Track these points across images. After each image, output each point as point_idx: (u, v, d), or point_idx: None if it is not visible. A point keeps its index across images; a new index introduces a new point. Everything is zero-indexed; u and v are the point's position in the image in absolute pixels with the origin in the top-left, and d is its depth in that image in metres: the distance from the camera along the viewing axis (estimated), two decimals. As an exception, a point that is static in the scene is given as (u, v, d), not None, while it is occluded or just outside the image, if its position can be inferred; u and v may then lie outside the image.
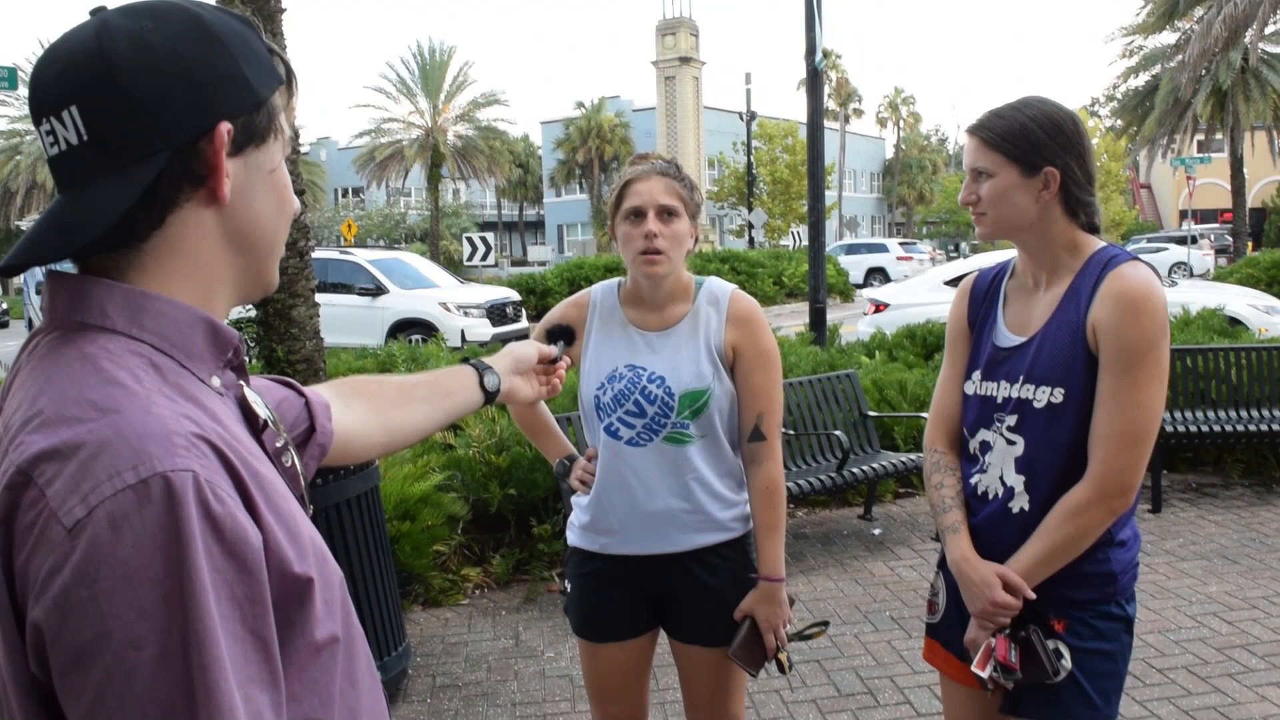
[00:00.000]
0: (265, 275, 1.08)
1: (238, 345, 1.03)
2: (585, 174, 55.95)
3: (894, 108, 69.06)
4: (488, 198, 64.80)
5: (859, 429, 6.62)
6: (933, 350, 9.73)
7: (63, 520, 0.80)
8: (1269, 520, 6.30)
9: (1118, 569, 2.07)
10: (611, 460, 2.41)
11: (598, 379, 2.41)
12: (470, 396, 1.63)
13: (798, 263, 26.79)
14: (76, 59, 0.93)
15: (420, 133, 40.69)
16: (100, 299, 0.94)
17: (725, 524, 2.41)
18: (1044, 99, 2.13)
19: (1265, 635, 4.53)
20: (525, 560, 5.61)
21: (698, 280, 2.45)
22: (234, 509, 0.85)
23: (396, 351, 9.08)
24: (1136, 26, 27.86)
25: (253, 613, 0.84)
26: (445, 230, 45.11)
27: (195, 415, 0.90)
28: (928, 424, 2.35)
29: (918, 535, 6.23)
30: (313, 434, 1.32)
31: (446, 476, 5.49)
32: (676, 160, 2.48)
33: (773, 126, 45.76)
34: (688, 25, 38.92)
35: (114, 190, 0.92)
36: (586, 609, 2.51)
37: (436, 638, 4.83)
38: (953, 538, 2.15)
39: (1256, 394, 7.16)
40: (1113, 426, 1.96)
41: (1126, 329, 1.95)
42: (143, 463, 0.82)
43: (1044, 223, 2.07)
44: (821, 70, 9.94)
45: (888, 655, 4.45)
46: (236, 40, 0.99)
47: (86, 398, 0.87)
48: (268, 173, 1.04)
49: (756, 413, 2.40)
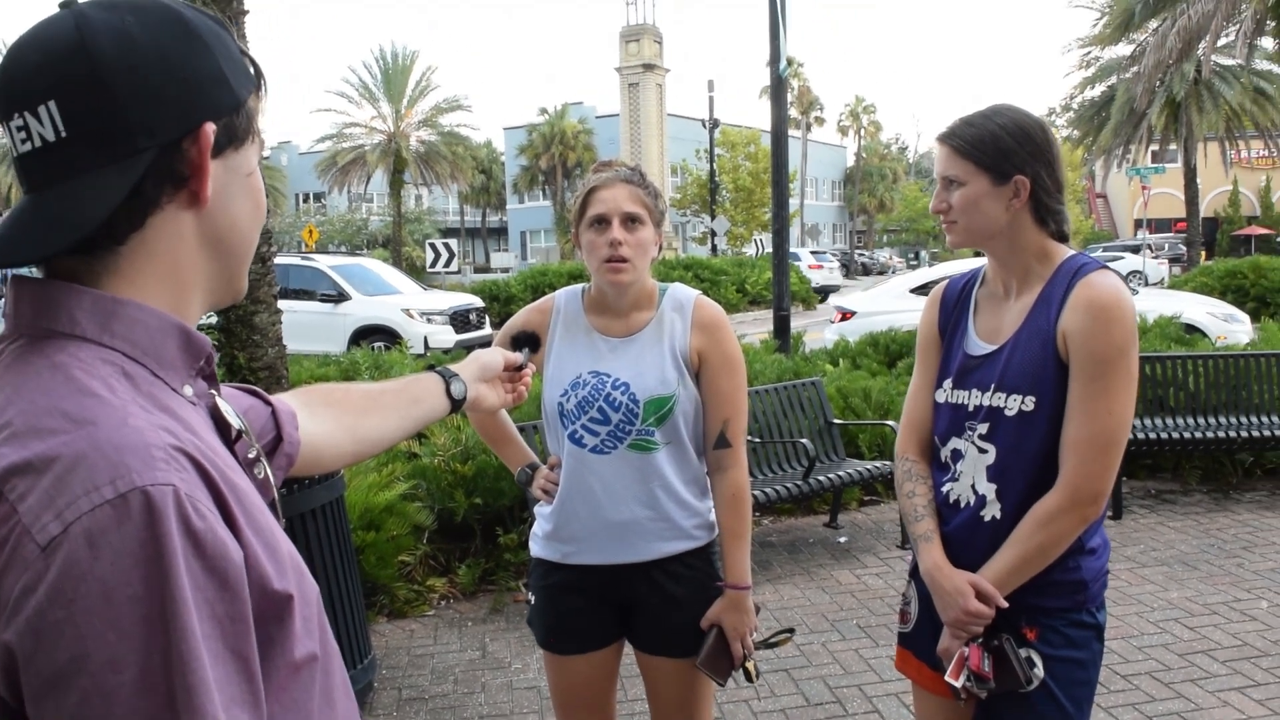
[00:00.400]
0: (237, 281, 1.06)
1: (210, 353, 1.00)
2: (549, 180, 55.82)
3: (855, 116, 69.51)
4: (450, 204, 64.45)
5: (824, 436, 6.64)
6: (896, 358, 9.79)
7: (36, 538, 0.77)
8: (1227, 526, 6.39)
9: (1088, 577, 2.08)
10: (575, 468, 2.38)
11: (561, 385, 2.39)
12: (437, 404, 1.61)
13: (760, 270, 26.90)
14: (55, 52, 0.89)
15: (383, 138, 40.37)
16: (69, 305, 0.90)
17: (690, 532, 2.40)
18: (1013, 107, 2.14)
19: (1226, 640, 4.59)
20: (491, 570, 5.57)
21: (661, 287, 2.44)
22: (215, 524, 0.82)
23: (360, 359, 9.00)
24: (1093, 38, 28.26)
25: (234, 631, 0.81)
26: (408, 236, 44.79)
27: (171, 426, 0.87)
28: (899, 432, 2.35)
29: (883, 543, 6.25)
30: (280, 444, 1.29)
31: (411, 485, 5.44)
32: (640, 167, 2.47)
33: (735, 134, 45.95)
34: (651, 32, 39.03)
35: (98, 189, 0.89)
36: (551, 621, 2.48)
37: (402, 649, 4.78)
38: (925, 546, 2.15)
39: (1214, 401, 7.26)
40: (1083, 434, 1.97)
41: (1097, 337, 1.96)
42: (121, 476, 0.79)
43: (1014, 231, 2.08)
44: (786, 78, 9.98)
45: (855, 664, 4.46)
46: (215, 39, 0.97)
47: (59, 408, 0.83)
48: (245, 175, 1.01)
49: (722, 419, 2.38)
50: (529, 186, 57.61)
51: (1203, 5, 20.28)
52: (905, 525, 2.27)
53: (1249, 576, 5.44)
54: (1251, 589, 5.25)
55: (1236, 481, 7.40)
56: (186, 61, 0.93)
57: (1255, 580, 5.38)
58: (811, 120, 63.56)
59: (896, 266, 59.25)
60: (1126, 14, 23.57)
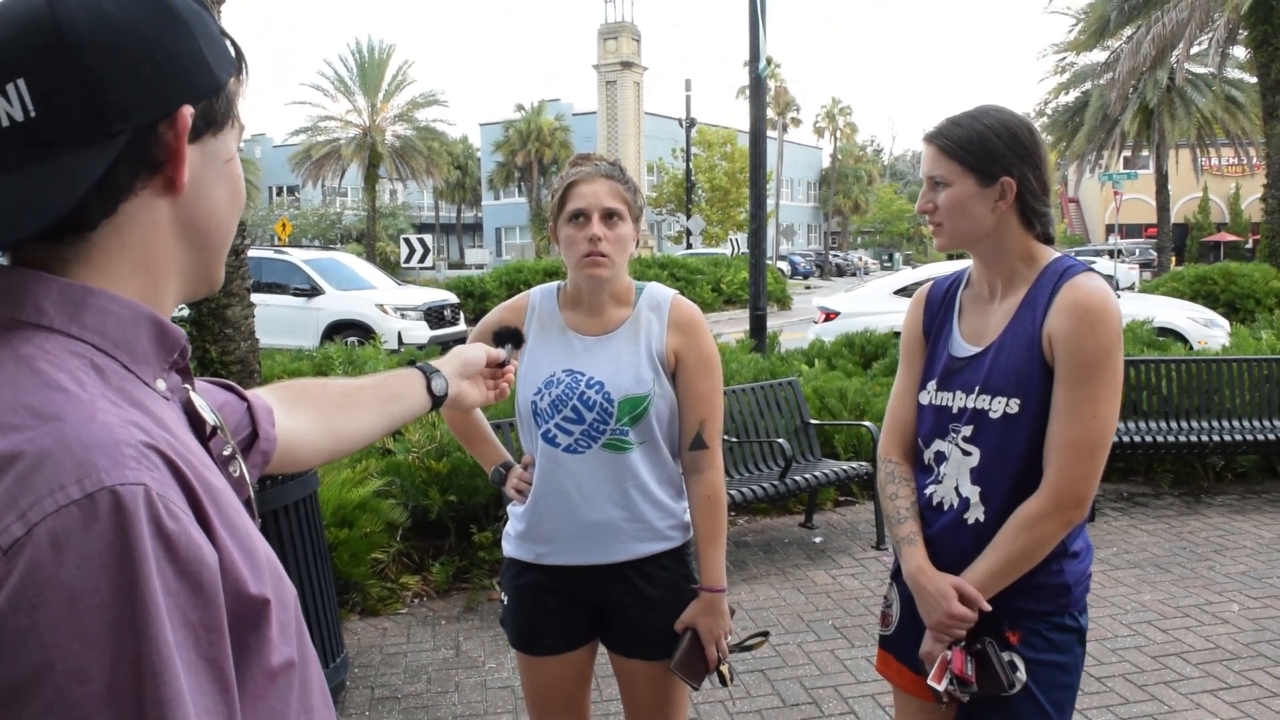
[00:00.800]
0: (213, 271, 1.01)
1: (185, 346, 0.95)
2: (524, 177, 55.71)
3: (831, 118, 69.76)
4: (425, 199, 64.24)
5: (801, 437, 6.63)
6: (871, 359, 9.82)
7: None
8: (1198, 530, 6.43)
9: (1071, 580, 2.07)
10: (549, 467, 2.35)
11: (535, 384, 2.36)
12: (417, 400, 1.57)
13: (736, 270, 26.92)
14: (24, 28, 0.84)
15: (358, 132, 40.19)
16: (36, 294, 0.85)
17: (665, 533, 2.37)
18: (1000, 108, 2.12)
19: (1198, 643, 4.62)
20: (465, 568, 5.52)
21: (638, 286, 2.42)
22: (188, 526, 0.77)
23: (333, 354, 8.93)
24: (1069, 44, 28.47)
25: (208, 639, 0.77)
26: (382, 231, 44.61)
27: (142, 422, 0.82)
28: (882, 434, 2.34)
29: (858, 543, 6.26)
30: (255, 440, 1.25)
31: (385, 482, 5.39)
32: (620, 162, 2.44)
33: (712, 134, 46.04)
34: (630, 30, 38.99)
35: (69, 172, 0.84)
36: (524, 621, 2.45)
37: (375, 648, 4.73)
38: (908, 549, 2.14)
39: (1186, 405, 7.32)
40: (1068, 437, 1.96)
41: (1083, 340, 1.95)
42: (88, 475, 0.74)
43: (1000, 233, 2.07)
44: (764, 77, 9.98)
45: (831, 665, 4.45)
46: (195, 19, 0.92)
47: (23, 403, 0.79)
48: (223, 162, 0.97)
49: (698, 420, 2.36)
50: (505, 183, 57.50)
51: (1177, 13, 20.45)
52: (888, 527, 2.25)
53: (1220, 579, 5.48)
54: (1223, 591, 5.29)
55: (1208, 485, 7.46)
56: (164, 41, 0.88)
57: (1226, 583, 5.42)
58: (788, 121, 63.79)
59: (870, 267, 59.58)
60: (1102, 21, 23.75)
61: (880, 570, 5.72)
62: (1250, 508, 6.94)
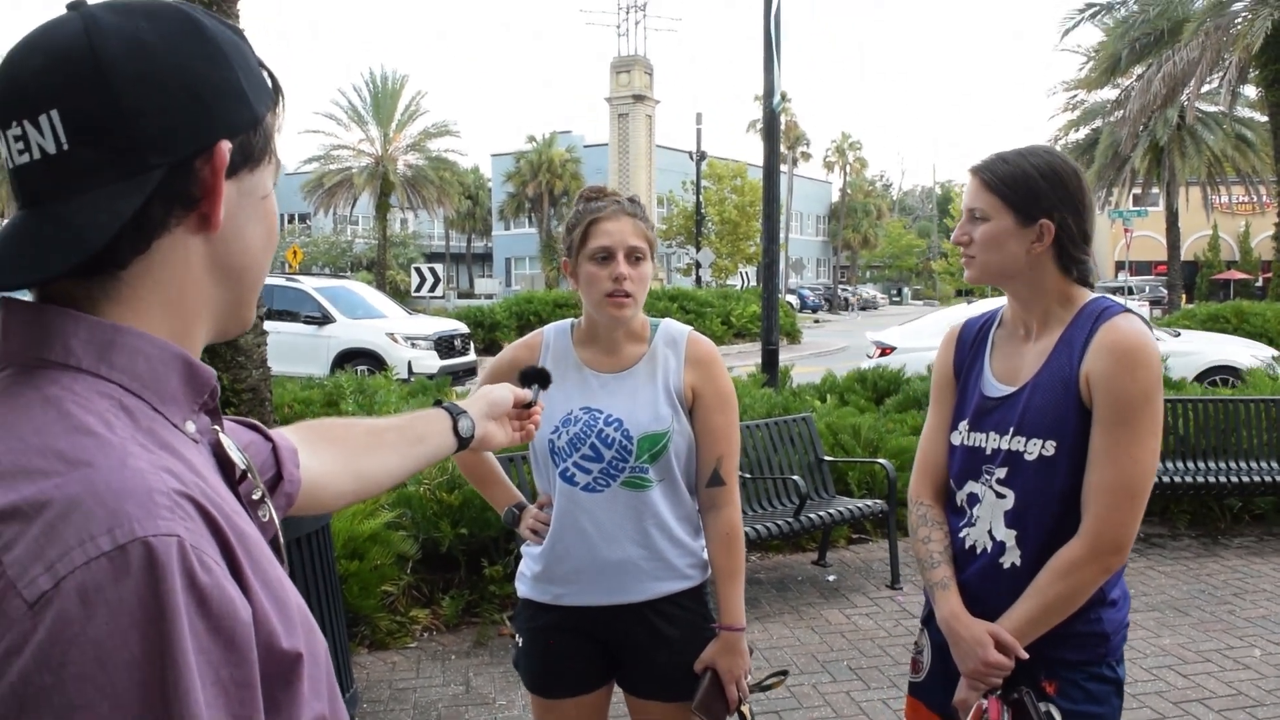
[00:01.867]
0: (245, 310, 0.97)
1: (215, 387, 0.92)
2: (535, 208, 55.92)
3: (841, 152, 69.94)
4: (436, 228, 64.46)
5: (815, 473, 6.57)
6: (883, 395, 9.76)
7: (23, 593, 0.68)
8: (1216, 572, 6.35)
9: (1110, 629, 2.02)
10: (567, 507, 2.31)
11: (551, 423, 2.31)
12: (443, 442, 1.53)
13: (746, 303, 26.89)
14: (61, 58, 0.81)
15: (370, 161, 40.36)
16: (64, 333, 0.82)
17: (684, 571, 2.33)
18: (1051, 149, 2.10)
19: (1220, 689, 4.53)
20: (476, 602, 5.46)
21: (653, 322, 2.39)
22: (221, 579, 0.74)
23: (344, 382, 8.89)
24: (1080, 81, 28.55)
25: (239, 698, 0.73)
26: (392, 260, 44.73)
27: (174, 467, 0.79)
28: (913, 475, 2.29)
29: (873, 582, 6.18)
30: (280, 482, 1.21)
31: (396, 514, 5.34)
32: (636, 197, 2.42)
33: (722, 167, 46.18)
34: (642, 64, 39.24)
35: (101, 208, 0.81)
36: (539, 664, 2.40)
37: (384, 682, 4.66)
38: (942, 594, 2.09)
39: (1203, 445, 7.26)
40: (1108, 481, 1.92)
41: (1123, 382, 1.91)
42: (120, 526, 0.70)
43: (1035, 273, 2.04)
44: (779, 112, 10.00)
45: (848, 707, 4.37)
46: (234, 50, 0.89)
47: (51, 447, 0.75)
48: (259, 199, 0.94)
49: (716, 456, 2.33)
50: (515, 213, 57.71)
51: (1188, 52, 20.52)
52: (920, 571, 2.21)
53: (1240, 624, 5.40)
54: (1244, 636, 5.21)
55: (1225, 527, 7.37)
56: (202, 73, 0.85)
57: (1247, 628, 5.34)
58: (798, 155, 63.96)
59: (879, 302, 59.56)
60: (1113, 59, 23.82)
61: (895, 610, 5.65)
62: (1269, 550, 6.85)
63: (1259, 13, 19.62)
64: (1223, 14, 21.05)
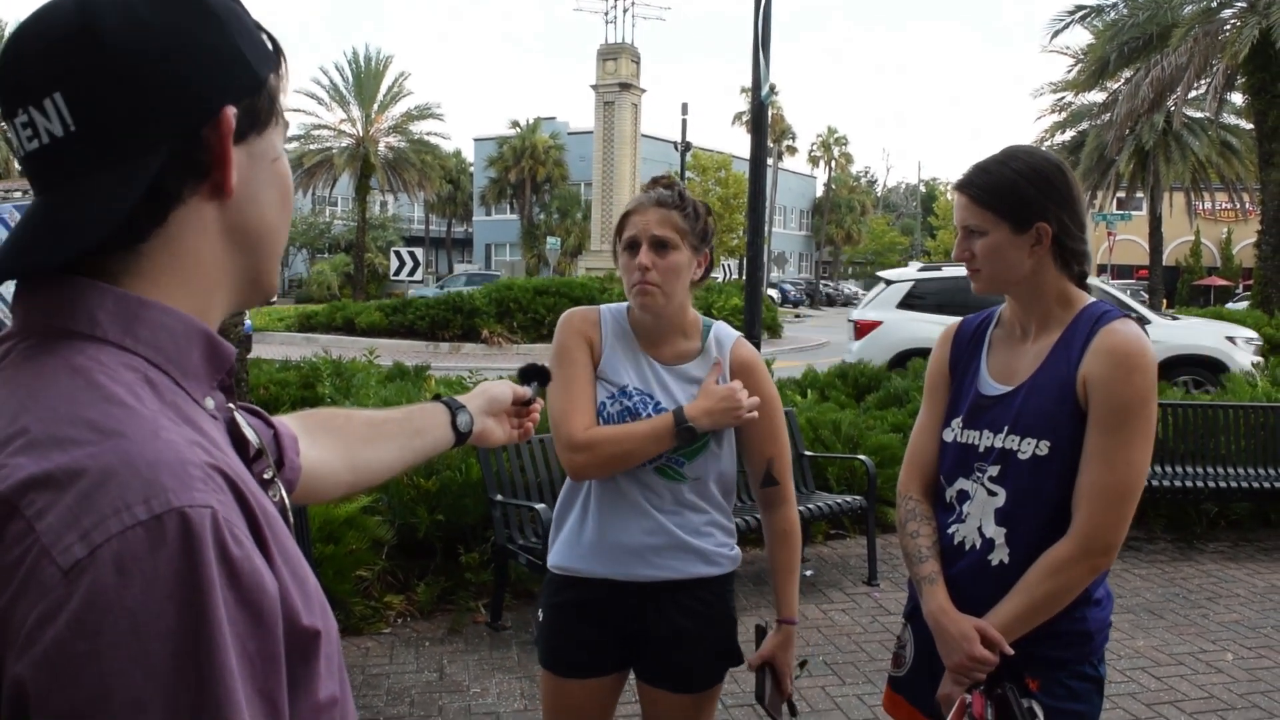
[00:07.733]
0: (266, 278, 0.97)
1: (233, 363, 0.92)
2: (517, 194, 55.68)
3: (826, 147, 69.96)
4: (416, 212, 64.10)
5: (795, 468, 6.55)
6: (864, 391, 9.77)
7: (58, 560, 0.68)
8: (1191, 576, 6.39)
9: (1093, 628, 2.05)
10: (601, 481, 2.34)
11: (609, 389, 2.36)
12: (441, 436, 1.55)
13: (727, 296, 26.89)
14: (57, 39, 0.81)
15: (351, 142, 40.10)
16: (90, 304, 0.82)
17: (712, 557, 2.35)
18: (1030, 149, 2.11)
19: (1192, 692, 4.55)
20: (451, 589, 5.42)
21: (705, 322, 2.44)
22: (251, 552, 0.74)
23: (321, 365, 8.81)
24: (1067, 83, 28.57)
25: (264, 671, 0.73)
26: (371, 243, 44.46)
27: (202, 441, 0.79)
28: (902, 470, 2.30)
29: (850, 578, 6.18)
30: (280, 468, 1.20)
31: (373, 499, 5.29)
32: (682, 188, 2.41)
33: (706, 158, 46.23)
34: (629, 52, 39.01)
35: (113, 186, 0.80)
36: (556, 640, 2.41)
37: (356, 668, 4.62)
38: (929, 589, 2.09)
39: (1180, 449, 7.29)
40: (1101, 482, 1.94)
41: (1119, 385, 1.93)
42: (156, 496, 0.70)
43: (1038, 275, 2.05)
44: (767, 105, 9.96)
45: (823, 702, 4.37)
46: (230, 14, 0.88)
47: (82, 416, 0.75)
48: (270, 161, 0.93)
49: (766, 458, 2.40)
50: (497, 199, 57.43)
51: (1176, 58, 20.58)
52: (907, 565, 2.21)
53: (1214, 628, 5.43)
54: (1217, 640, 5.24)
55: (1200, 531, 7.40)
56: (202, 41, 0.85)
57: (1220, 631, 5.37)
58: (783, 149, 63.98)
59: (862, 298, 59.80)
60: (1102, 62, 23.81)
61: (872, 606, 5.65)
62: (1243, 555, 6.90)
63: (1247, 20, 19.71)
64: (1211, 21, 21.13)
